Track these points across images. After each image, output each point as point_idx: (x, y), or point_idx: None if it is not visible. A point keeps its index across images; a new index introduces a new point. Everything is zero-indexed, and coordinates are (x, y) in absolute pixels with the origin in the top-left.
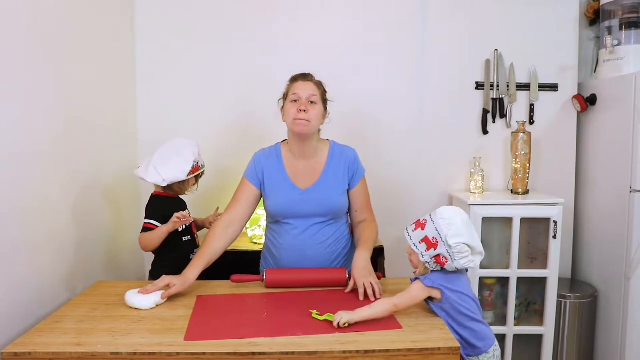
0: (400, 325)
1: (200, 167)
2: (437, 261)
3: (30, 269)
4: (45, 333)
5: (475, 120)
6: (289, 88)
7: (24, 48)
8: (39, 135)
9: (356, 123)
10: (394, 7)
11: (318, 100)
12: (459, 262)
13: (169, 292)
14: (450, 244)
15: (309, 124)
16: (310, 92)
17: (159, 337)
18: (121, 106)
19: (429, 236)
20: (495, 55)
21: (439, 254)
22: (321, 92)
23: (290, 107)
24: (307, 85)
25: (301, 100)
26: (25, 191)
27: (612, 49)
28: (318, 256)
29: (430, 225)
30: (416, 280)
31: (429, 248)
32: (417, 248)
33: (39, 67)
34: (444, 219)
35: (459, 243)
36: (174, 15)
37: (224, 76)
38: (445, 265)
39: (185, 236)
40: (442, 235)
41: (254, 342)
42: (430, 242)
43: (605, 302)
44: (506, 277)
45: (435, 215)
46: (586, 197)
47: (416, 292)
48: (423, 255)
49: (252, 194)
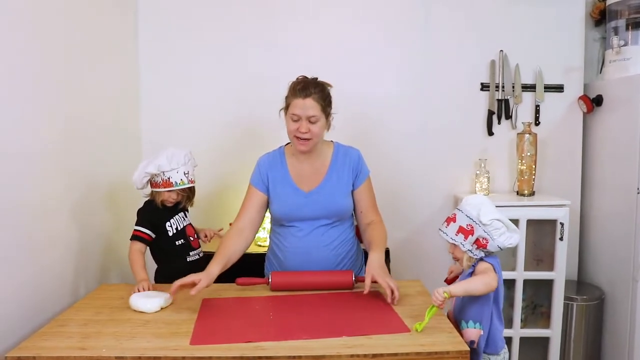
0: (408, 329)
1: (171, 183)
2: (479, 245)
3: (34, 271)
4: (49, 337)
5: (480, 121)
6: (289, 102)
7: (25, 48)
8: (40, 136)
9: (360, 125)
10: (398, 8)
11: (319, 117)
12: (499, 239)
13: (197, 287)
14: (485, 222)
15: (310, 142)
16: (310, 112)
17: (164, 341)
18: (124, 108)
19: (462, 225)
20: (501, 56)
21: (478, 237)
22: (322, 106)
23: (290, 125)
24: (308, 103)
25: (301, 121)
26: (27, 193)
27: (618, 49)
28: (323, 259)
29: (460, 214)
30: (479, 262)
31: (466, 236)
32: (455, 240)
33: (40, 68)
34: (470, 204)
35: (492, 219)
36: (177, 16)
37: (227, 77)
38: (488, 246)
39: (178, 240)
40: (473, 218)
41: (260, 346)
42: (465, 230)
43: (612, 304)
44: (512, 279)
45: (462, 205)
46: (593, 199)
47: (490, 267)
48: (464, 245)
49: (260, 200)
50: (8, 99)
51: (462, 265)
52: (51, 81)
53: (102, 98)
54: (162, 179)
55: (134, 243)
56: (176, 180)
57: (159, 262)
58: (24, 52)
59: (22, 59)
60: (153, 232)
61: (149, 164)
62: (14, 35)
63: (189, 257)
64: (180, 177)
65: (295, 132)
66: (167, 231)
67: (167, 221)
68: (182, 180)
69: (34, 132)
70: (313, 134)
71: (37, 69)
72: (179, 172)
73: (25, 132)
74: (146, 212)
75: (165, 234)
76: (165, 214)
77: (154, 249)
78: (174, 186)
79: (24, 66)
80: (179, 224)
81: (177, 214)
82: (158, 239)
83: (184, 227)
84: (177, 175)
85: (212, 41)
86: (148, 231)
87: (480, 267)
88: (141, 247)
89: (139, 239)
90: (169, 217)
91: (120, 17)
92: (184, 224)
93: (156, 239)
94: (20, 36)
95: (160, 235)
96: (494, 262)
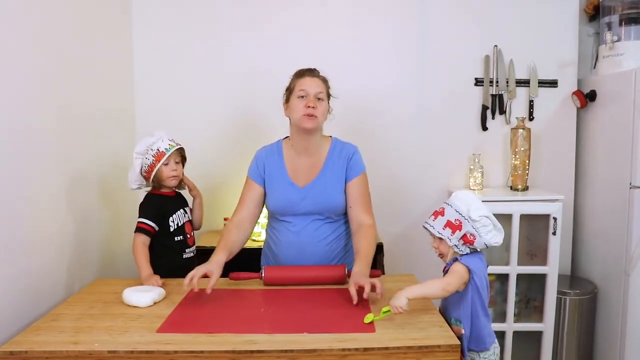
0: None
1: (163, 152)
2: (466, 241)
3: (28, 266)
4: (42, 331)
5: (474, 116)
6: (295, 83)
7: (17, 37)
8: (34, 132)
9: (354, 119)
10: (393, 2)
11: (324, 97)
12: (486, 237)
13: (211, 284)
14: (474, 218)
15: (317, 120)
16: (317, 89)
17: (157, 335)
18: (119, 104)
19: (450, 219)
20: (495, 52)
21: (466, 233)
22: (326, 88)
23: (297, 103)
24: (315, 82)
25: (309, 97)
26: (21, 189)
27: (611, 44)
28: (317, 254)
29: (449, 209)
30: (455, 262)
31: (454, 231)
32: (442, 234)
33: (34, 65)
34: (459, 199)
35: (482, 216)
36: (172, 11)
37: (223, 71)
38: (474, 243)
39: (177, 236)
40: (463, 213)
41: (252, 340)
42: (453, 225)
43: (605, 298)
44: (506, 274)
45: (451, 200)
46: (586, 194)
47: (461, 271)
48: (450, 240)
49: (257, 193)
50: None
51: (447, 258)
52: (46, 79)
53: (99, 96)
54: (152, 155)
55: (138, 235)
56: (165, 147)
57: (156, 256)
58: (16, 42)
59: (15, 48)
60: (156, 225)
61: (136, 147)
62: (6, 23)
63: (185, 254)
64: (167, 143)
65: (303, 108)
66: (169, 226)
67: (170, 216)
68: (170, 144)
69: (25, 128)
70: (319, 111)
71: (30, 67)
72: (164, 141)
73: (16, 129)
74: (150, 204)
75: (167, 229)
76: (169, 208)
77: (153, 242)
78: (167, 153)
79: (17, 55)
80: (179, 219)
81: (180, 209)
82: (159, 233)
83: (183, 223)
84: (163, 143)
85: (209, 36)
86: (152, 224)
87: (453, 267)
88: (145, 240)
89: (144, 231)
90: (172, 212)
91: (116, 15)
92: (184, 221)
93: (157, 233)
94: (13, 24)
95: (162, 229)
96: (474, 261)
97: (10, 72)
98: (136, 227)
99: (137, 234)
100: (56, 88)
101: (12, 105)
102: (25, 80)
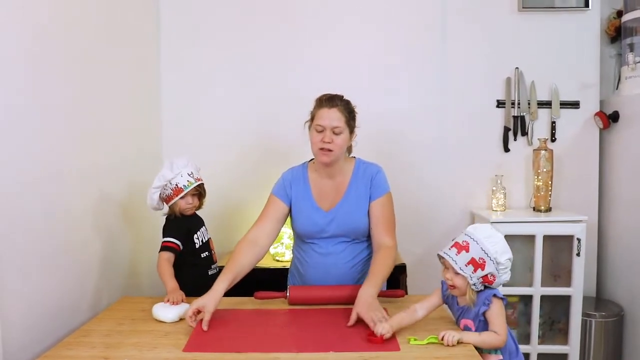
0: (399, 347)
1: (181, 189)
2: (485, 281)
3: (57, 282)
4: (73, 347)
5: (496, 137)
6: (315, 113)
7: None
8: (63, 155)
9: (378, 142)
10: (415, 27)
11: (343, 129)
12: (503, 277)
13: (205, 322)
14: (501, 261)
15: (333, 154)
16: (334, 123)
17: (184, 354)
18: (145, 125)
19: (475, 257)
20: (516, 74)
21: (488, 274)
22: (346, 118)
23: (314, 136)
24: (333, 114)
25: (325, 131)
26: (52, 206)
27: (634, 65)
28: (342, 275)
29: (475, 246)
30: (494, 300)
31: (476, 269)
32: (464, 271)
33: (64, 88)
34: (487, 238)
35: (508, 259)
36: (200, 32)
37: (249, 94)
38: (493, 283)
39: (203, 253)
40: (489, 254)
41: (278, 358)
42: (477, 263)
43: (631, 320)
44: (529, 295)
45: (476, 235)
46: (610, 214)
47: (503, 311)
48: (472, 278)
49: (281, 211)
50: (29, 105)
51: (458, 293)
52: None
53: (125, 119)
54: (170, 189)
55: (163, 253)
56: (184, 184)
57: (186, 276)
58: (43, 55)
59: (42, 62)
60: (181, 244)
61: (156, 180)
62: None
63: (210, 271)
64: (186, 179)
65: (319, 143)
66: (194, 243)
67: (194, 233)
68: (189, 181)
69: (56, 144)
70: (336, 146)
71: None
72: (183, 176)
73: (47, 144)
74: (174, 224)
75: (192, 246)
76: (193, 225)
77: (180, 260)
78: (184, 190)
79: (44, 69)
80: (204, 236)
81: (202, 226)
82: (185, 251)
83: (207, 239)
84: (182, 179)
85: (237, 60)
86: (177, 241)
87: (497, 310)
88: (170, 257)
89: (168, 248)
90: (196, 230)
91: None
92: (208, 237)
93: (183, 251)
94: (41, 36)
95: (188, 249)
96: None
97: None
98: (161, 246)
99: (162, 252)
100: (85, 110)
101: (43, 127)
102: (57, 105)
